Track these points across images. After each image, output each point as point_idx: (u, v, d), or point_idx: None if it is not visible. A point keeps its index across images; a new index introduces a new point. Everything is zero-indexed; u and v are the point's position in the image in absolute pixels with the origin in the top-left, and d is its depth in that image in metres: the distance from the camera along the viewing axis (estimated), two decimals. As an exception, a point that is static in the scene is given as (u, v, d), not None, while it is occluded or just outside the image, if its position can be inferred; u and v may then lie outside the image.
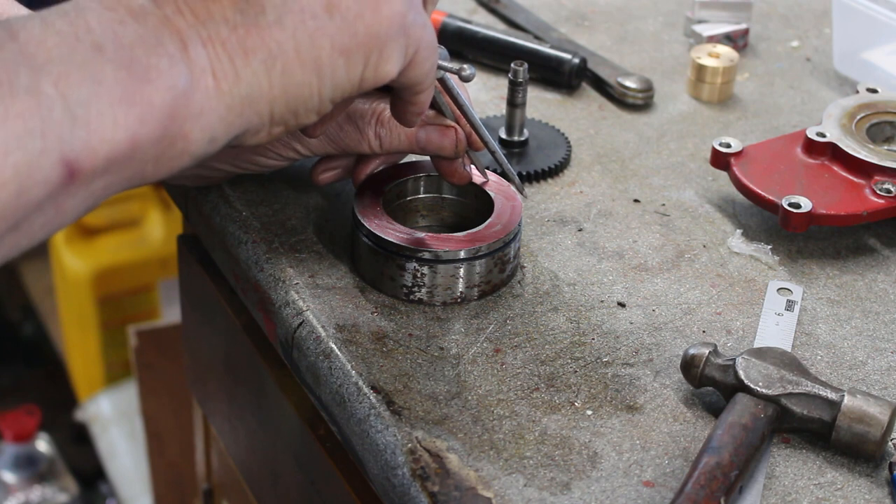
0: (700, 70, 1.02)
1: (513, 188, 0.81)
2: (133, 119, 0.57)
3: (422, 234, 0.78)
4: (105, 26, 0.58)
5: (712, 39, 1.09)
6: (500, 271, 0.79)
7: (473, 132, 0.80)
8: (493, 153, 0.80)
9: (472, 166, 0.82)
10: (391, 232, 0.77)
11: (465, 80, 0.75)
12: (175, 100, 0.59)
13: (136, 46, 0.58)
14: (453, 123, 0.79)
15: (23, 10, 0.76)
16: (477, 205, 0.83)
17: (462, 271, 0.77)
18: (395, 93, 0.73)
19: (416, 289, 0.78)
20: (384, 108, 0.79)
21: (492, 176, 0.83)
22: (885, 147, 0.90)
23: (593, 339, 0.77)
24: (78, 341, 2.14)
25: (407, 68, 0.69)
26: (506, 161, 0.81)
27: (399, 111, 0.74)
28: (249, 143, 0.66)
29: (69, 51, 0.56)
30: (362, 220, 0.78)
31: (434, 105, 0.79)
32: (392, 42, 0.66)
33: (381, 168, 0.83)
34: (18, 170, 0.54)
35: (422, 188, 0.84)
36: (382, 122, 0.79)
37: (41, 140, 0.54)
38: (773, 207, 0.84)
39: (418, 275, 0.77)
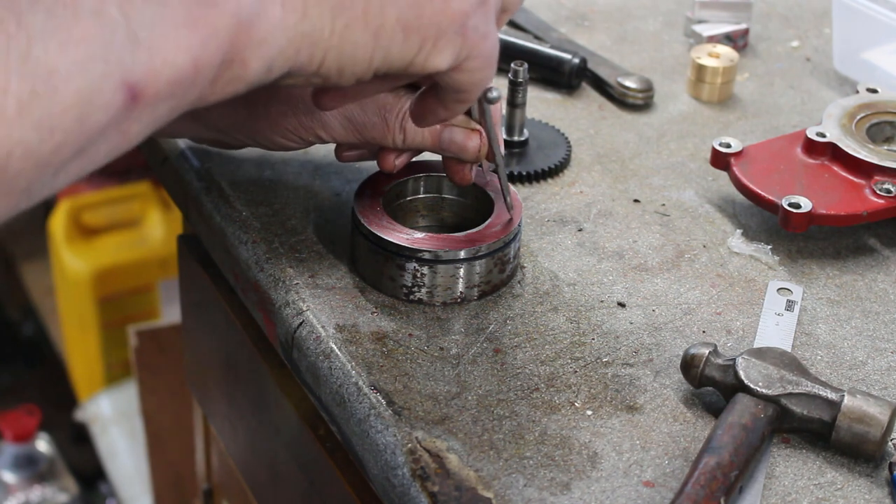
0: (700, 70, 1.02)
1: (508, 199, 0.80)
2: (196, 42, 0.57)
3: (421, 234, 0.78)
4: None
5: (712, 39, 1.09)
6: (499, 271, 0.79)
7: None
8: (497, 169, 0.80)
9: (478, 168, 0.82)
10: (391, 232, 0.77)
11: (490, 101, 0.75)
12: (239, 25, 0.59)
13: None
14: (478, 128, 0.79)
15: None
16: (477, 205, 0.83)
17: (462, 271, 0.77)
18: (434, 89, 0.72)
19: (415, 289, 0.78)
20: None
21: (492, 176, 0.83)
22: (885, 147, 0.90)
23: (593, 339, 0.77)
24: (78, 341, 2.15)
25: (455, 71, 0.69)
26: (507, 182, 0.80)
27: (425, 108, 0.74)
28: (285, 83, 0.66)
29: None
30: (362, 220, 0.78)
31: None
32: (448, 37, 0.66)
33: (407, 161, 0.82)
34: (80, 95, 0.53)
35: (422, 188, 0.84)
36: (409, 117, 0.79)
37: (103, 64, 0.54)
38: (773, 207, 0.84)
39: (418, 275, 0.77)
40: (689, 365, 0.72)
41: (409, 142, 0.79)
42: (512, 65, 0.89)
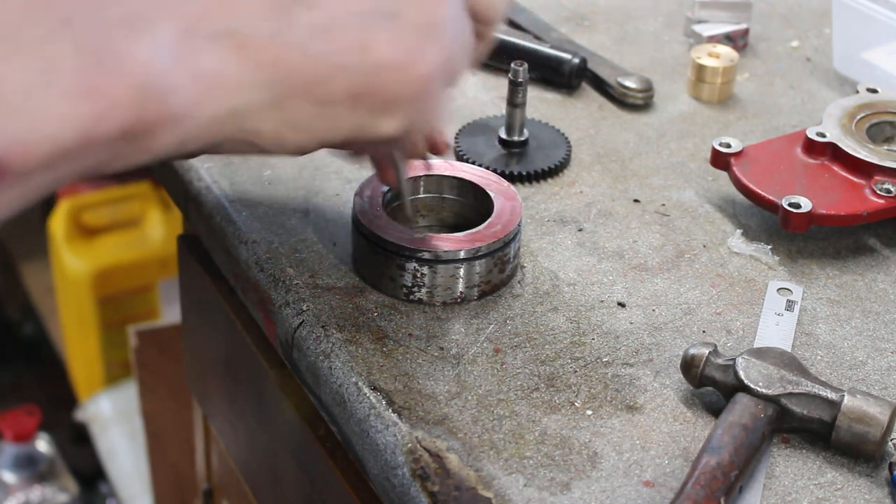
0: (700, 70, 1.02)
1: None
2: (88, 114, 0.49)
3: (421, 234, 0.78)
4: None
5: (712, 39, 1.09)
6: (499, 271, 0.79)
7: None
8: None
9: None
10: (391, 232, 0.77)
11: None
12: (147, 95, 0.50)
13: (116, 27, 0.49)
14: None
15: None
16: (477, 205, 0.83)
17: (462, 271, 0.77)
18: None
19: (415, 289, 0.78)
20: None
21: (492, 176, 0.83)
22: (885, 147, 0.90)
23: (593, 339, 0.77)
24: (78, 341, 2.15)
25: (400, 137, 0.64)
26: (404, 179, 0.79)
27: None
28: (206, 151, 0.60)
29: (27, 23, 0.48)
30: (362, 221, 0.78)
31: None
32: (402, 104, 0.60)
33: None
34: None
35: (421, 188, 0.84)
36: None
37: None
38: (773, 207, 0.84)
39: (418, 275, 0.77)
40: (689, 365, 0.72)
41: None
42: (512, 65, 0.90)
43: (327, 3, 0.56)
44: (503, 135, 0.93)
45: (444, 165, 0.84)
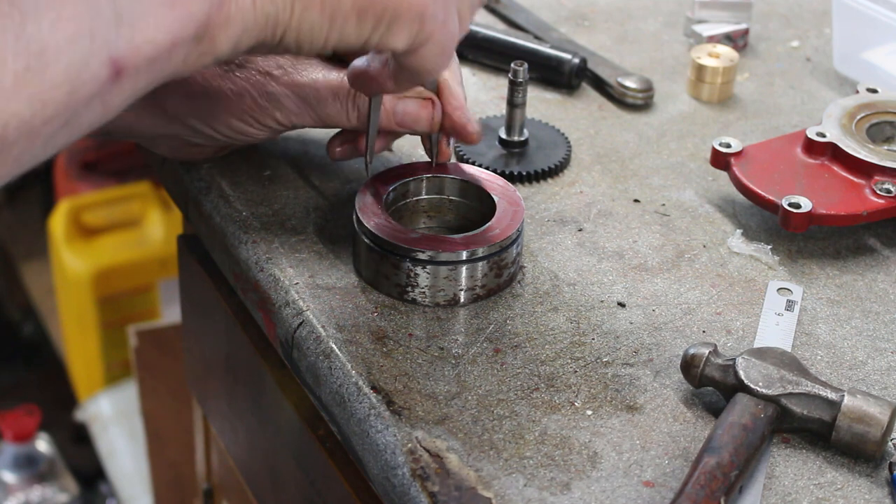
0: (700, 70, 1.02)
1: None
2: (173, 21, 0.61)
3: (419, 235, 0.78)
4: None
5: (712, 39, 1.09)
6: (496, 276, 0.79)
7: (453, 113, 0.82)
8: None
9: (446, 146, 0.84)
10: (389, 231, 0.77)
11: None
12: (211, 7, 0.64)
13: None
14: (432, 96, 0.81)
15: None
16: (481, 208, 0.82)
17: (458, 273, 0.77)
18: (389, 63, 0.74)
19: (409, 288, 0.77)
20: None
21: (497, 179, 0.83)
22: (885, 147, 0.90)
23: (593, 339, 0.77)
24: (78, 341, 2.15)
25: (410, 55, 0.71)
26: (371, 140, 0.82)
27: (378, 77, 0.76)
28: (255, 55, 0.72)
29: None
30: (362, 219, 0.78)
31: None
32: (404, 22, 0.69)
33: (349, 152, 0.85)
34: (70, 71, 0.57)
35: (424, 189, 0.84)
36: (361, 94, 0.81)
37: (90, 41, 0.57)
38: (773, 207, 0.84)
39: (412, 275, 0.77)
40: (689, 365, 0.72)
41: (363, 119, 0.81)
42: (512, 65, 0.89)
43: None
44: (503, 135, 0.93)
45: (451, 167, 0.84)
